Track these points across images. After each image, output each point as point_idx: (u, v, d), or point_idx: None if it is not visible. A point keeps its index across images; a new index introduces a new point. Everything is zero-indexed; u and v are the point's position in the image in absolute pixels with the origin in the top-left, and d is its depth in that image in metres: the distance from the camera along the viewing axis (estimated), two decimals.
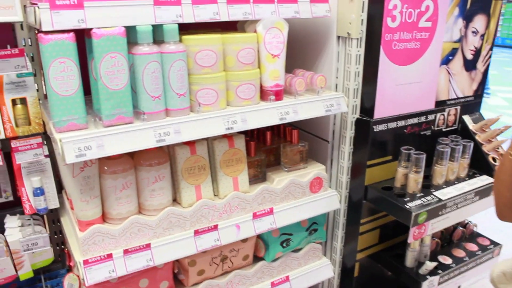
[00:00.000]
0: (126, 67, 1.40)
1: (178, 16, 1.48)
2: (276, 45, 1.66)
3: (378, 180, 1.99)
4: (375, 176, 1.97)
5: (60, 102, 1.37)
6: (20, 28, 1.69)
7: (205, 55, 1.52)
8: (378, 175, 1.98)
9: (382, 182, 1.99)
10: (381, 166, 1.98)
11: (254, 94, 1.65)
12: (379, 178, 1.99)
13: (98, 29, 1.35)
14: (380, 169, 1.98)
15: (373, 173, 1.95)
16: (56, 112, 1.37)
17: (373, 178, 1.96)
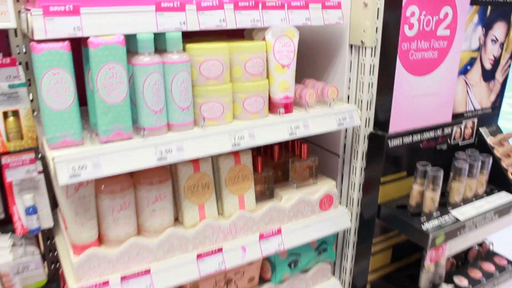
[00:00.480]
0: (125, 78, 1.29)
1: (182, 23, 1.37)
2: (286, 54, 1.55)
3: (391, 197, 1.88)
4: (388, 193, 1.86)
5: (54, 117, 1.26)
6: (14, 35, 1.58)
7: (211, 65, 1.41)
8: (391, 191, 1.87)
9: (396, 200, 1.87)
10: (395, 183, 1.86)
11: (262, 106, 1.54)
12: (393, 195, 1.88)
13: (95, 38, 1.24)
14: (394, 186, 1.86)
15: (387, 190, 1.84)
16: (49, 128, 1.26)
17: (386, 195, 1.85)
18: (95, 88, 1.27)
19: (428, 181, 1.75)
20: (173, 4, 1.34)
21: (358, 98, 1.80)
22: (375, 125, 1.81)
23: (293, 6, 1.56)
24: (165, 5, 1.33)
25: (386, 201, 1.85)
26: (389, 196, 1.87)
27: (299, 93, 1.67)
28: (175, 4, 1.35)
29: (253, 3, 1.48)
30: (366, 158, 1.84)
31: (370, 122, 1.81)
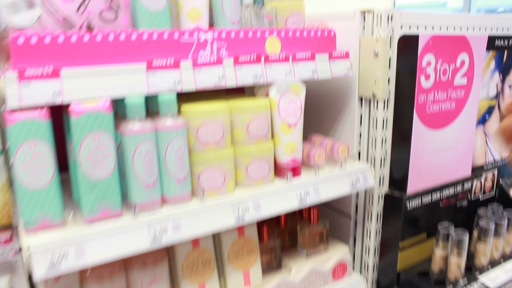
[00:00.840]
0: (112, 149, 1.12)
1: (177, 83, 1.21)
2: (292, 112, 1.39)
3: (411, 262, 1.69)
4: (407, 257, 1.67)
5: (30, 197, 1.08)
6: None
7: (210, 129, 1.24)
8: (410, 256, 1.69)
9: (416, 265, 1.69)
10: (415, 246, 1.68)
11: (268, 172, 1.37)
12: (412, 260, 1.70)
13: (77, 105, 1.08)
14: (413, 249, 1.68)
15: (405, 254, 1.66)
16: (25, 209, 1.08)
17: (405, 259, 1.67)
18: (78, 162, 1.10)
19: (452, 245, 1.57)
20: (166, 61, 1.19)
21: (370, 155, 1.63)
22: (390, 184, 1.64)
23: (299, 59, 1.41)
24: (157, 63, 1.18)
25: (405, 267, 1.66)
26: (409, 261, 1.68)
27: (307, 153, 1.50)
28: (168, 61, 1.19)
29: (255, 57, 1.32)
30: (381, 220, 1.66)
31: (385, 181, 1.64)
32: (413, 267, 1.68)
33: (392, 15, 1.48)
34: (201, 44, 1.27)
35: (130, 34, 1.17)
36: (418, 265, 1.69)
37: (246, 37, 1.34)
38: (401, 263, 1.65)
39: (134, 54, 1.17)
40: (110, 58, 1.15)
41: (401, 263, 1.65)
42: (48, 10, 1.12)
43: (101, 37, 1.13)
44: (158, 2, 1.24)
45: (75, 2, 1.15)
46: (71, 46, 1.10)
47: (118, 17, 1.20)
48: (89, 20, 1.17)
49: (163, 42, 1.21)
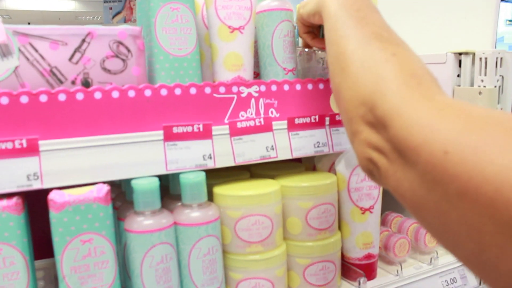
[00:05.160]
0: (110, 255, 0.77)
1: (207, 157, 0.85)
2: (367, 192, 1.01)
3: None
4: None
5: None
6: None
7: (253, 224, 0.87)
8: None
9: None
10: None
11: (333, 275, 0.98)
12: None
13: (59, 194, 0.74)
14: None
15: None
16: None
17: None
18: (60, 275, 0.75)
19: None
20: (192, 128, 0.84)
21: None
22: None
23: None
24: (179, 130, 0.83)
25: None
26: None
27: (383, 243, 1.11)
28: (195, 127, 0.84)
29: (317, 118, 0.96)
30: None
31: None
32: None
33: (501, 59, 1.09)
34: (243, 101, 0.92)
35: (142, 90, 0.83)
36: None
37: (305, 91, 0.98)
38: None
39: (148, 118, 0.84)
40: (113, 124, 0.81)
41: None
42: (29, 60, 0.80)
43: (101, 95, 0.80)
44: (184, 44, 0.90)
45: (68, 47, 0.83)
46: (59, 108, 0.78)
47: (127, 67, 0.86)
48: (86, 71, 0.84)
49: (189, 101, 0.87)
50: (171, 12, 0.90)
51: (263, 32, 1.00)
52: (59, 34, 0.83)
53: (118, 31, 0.87)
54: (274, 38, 0.99)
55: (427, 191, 0.43)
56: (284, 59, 1.00)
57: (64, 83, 0.83)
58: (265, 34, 0.99)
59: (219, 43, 0.95)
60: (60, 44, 0.83)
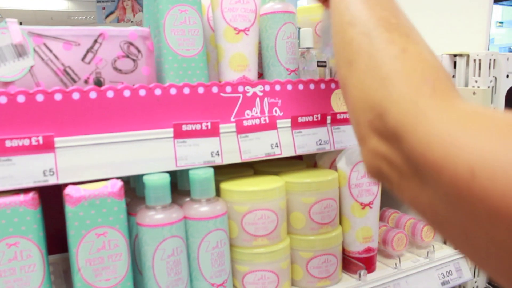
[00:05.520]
0: (124, 248, 0.80)
1: (215, 154, 0.89)
2: (367, 188, 1.04)
3: None
4: None
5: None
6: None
7: (259, 218, 0.91)
8: None
9: None
10: None
11: (335, 268, 1.02)
12: None
13: (75, 189, 0.77)
14: None
15: None
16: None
17: None
18: (76, 267, 0.78)
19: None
20: (200, 126, 0.87)
21: None
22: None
23: None
24: (188, 127, 0.86)
25: None
26: None
27: (382, 237, 1.15)
28: (203, 125, 0.87)
29: (319, 116, 0.99)
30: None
31: (481, 271, 1.26)
32: None
33: (494, 60, 1.14)
34: (248, 101, 0.95)
35: (153, 89, 0.86)
36: None
37: (307, 91, 1.01)
38: None
39: (157, 116, 0.87)
40: (125, 122, 0.84)
41: None
42: (43, 59, 0.83)
43: (114, 94, 0.83)
44: (192, 45, 0.93)
45: (80, 47, 0.86)
46: (73, 106, 0.81)
47: (137, 67, 0.90)
48: (98, 71, 0.87)
49: (197, 100, 0.90)
50: (180, 14, 0.93)
51: (266, 34, 1.03)
52: (72, 35, 0.86)
53: (128, 32, 0.90)
54: (277, 39, 1.03)
55: (451, 211, 0.39)
56: (287, 60, 1.04)
57: (77, 82, 0.86)
58: (269, 35, 1.03)
59: (225, 44, 0.99)
60: (73, 44, 0.86)
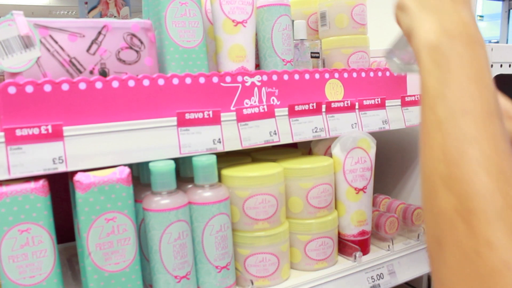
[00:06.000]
0: (132, 233, 0.83)
1: (217, 141, 0.92)
2: (361, 173, 1.09)
3: None
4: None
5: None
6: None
7: (260, 203, 0.94)
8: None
9: None
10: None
11: (331, 251, 1.06)
12: None
13: (85, 176, 0.79)
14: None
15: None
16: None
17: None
18: (86, 251, 0.81)
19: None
20: (202, 114, 0.90)
21: None
22: None
23: (366, 105, 1.11)
24: (191, 116, 0.89)
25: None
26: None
27: (375, 222, 1.19)
28: (205, 114, 0.91)
29: (315, 105, 1.03)
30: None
31: None
32: None
33: None
34: (247, 90, 0.99)
35: (156, 79, 0.89)
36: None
37: (302, 81, 1.05)
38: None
39: (161, 105, 0.90)
40: (130, 111, 0.87)
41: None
42: (49, 51, 0.86)
43: (119, 84, 0.86)
44: (192, 36, 0.96)
45: (85, 39, 0.88)
46: (79, 96, 0.83)
47: (140, 58, 0.92)
48: (102, 62, 0.89)
49: (198, 89, 0.93)
50: (180, 7, 0.96)
51: (263, 26, 1.07)
52: (77, 27, 0.89)
53: (131, 24, 0.93)
54: (273, 31, 1.06)
55: None
56: (283, 50, 1.08)
57: (83, 73, 0.89)
58: (265, 27, 1.06)
59: (224, 36, 1.02)
60: (78, 36, 0.89)
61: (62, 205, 1.00)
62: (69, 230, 0.97)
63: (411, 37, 0.57)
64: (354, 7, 1.19)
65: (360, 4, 1.19)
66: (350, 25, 1.19)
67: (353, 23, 1.19)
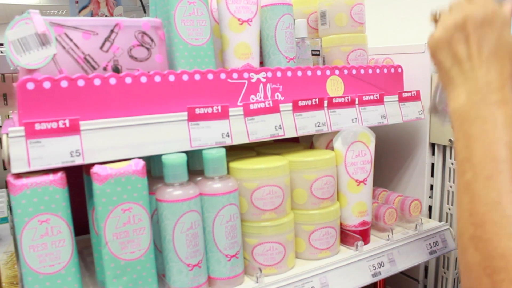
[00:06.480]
0: (147, 223, 0.87)
1: (225, 135, 0.96)
2: (361, 166, 1.13)
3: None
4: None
5: (41, 285, 0.83)
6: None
7: (267, 194, 0.98)
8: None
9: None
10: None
11: (334, 240, 1.10)
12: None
13: (102, 168, 0.83)
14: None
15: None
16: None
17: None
18: (103, 240, 0.84)
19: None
20: (212, 109, 0.94)
21: (445, 211, 1.37)
22: None
23: (366, 101, 1.16)
24: (201, 111, 0.93)
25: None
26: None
27: (374, 213, 1.24)
28: (214, 109, 0.94)
29: (317, 101, 1.07)
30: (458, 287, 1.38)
31: None
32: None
33: None
34: (253, 86, 1.03)
35: (167, 75, 0.93)
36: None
37: (305, 77, 1.09)
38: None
39: (172, 100, 0.94)
40: (142, 106, 0.91)
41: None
42: (65, 48, 0.89)
43: (132, 80, 0.90)
44: (200, 34, 1.00)
45: (98, 37, 0.92)
46: (94, 91, 0.87)
47: (151, 55, 0.96)
48: (115, 59, 0.93)
49: (207, 85, 0.97)
50: (188, 6, 1.00)
51: (267, 24, 1.11)
52: (90, 25, 0.92)
53: (142, 23, 0.96)
54: (277, 29, 1.10)
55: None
56: (286, 48, 1.12)
57: (97, 69, 0.92)
58: (269, 26, 1.10)
59: (230, 34, 1.06)
60: (92, 34, 0.92)
61: (71, 200, 1.04)
62: (79, 224, 1.00)
63: (448, 96, 0.60)
64: (353, 6, 1.23)
65: (358, 4, 1.24)
66: (349, 24, 1.24)
67: (352, 22, 1.24)
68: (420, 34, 1.37)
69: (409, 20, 1.57)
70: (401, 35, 1.58)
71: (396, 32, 1.62)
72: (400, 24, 1.61)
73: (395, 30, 1.62)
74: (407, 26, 1.57)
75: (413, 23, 1.54)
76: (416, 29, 1.47)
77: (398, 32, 1.62)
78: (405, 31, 1.57)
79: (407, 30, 1.55)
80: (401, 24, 1.61)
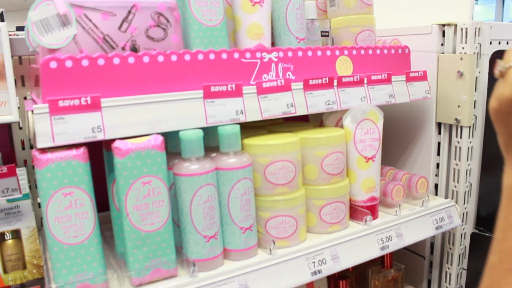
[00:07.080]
0: (166, 196, 0.91)
1: (239, 112, 1.00)
2: (370, 143, 1.17)
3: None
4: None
5: (65, 255, 0.87)
6: (18, 127, 1.23)
7: (280, 169, 1.02)
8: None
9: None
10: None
11: (344, 215, 1.14)
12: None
13: (123, 143, 0.87)
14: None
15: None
16: (59, 270, 0.87)
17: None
18: (124, 212, 0.88)
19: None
20: (226, 87, 0.98)
21: (451, 189, 1.40)
22: (477, 221, 1.40)
23: (374, 80, 1.19)
24: (216, 89, 0.97)
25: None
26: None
27: (382, 189, 1.27)
28: (229, 87, 0.98)
29: (327, 80, 1.11)
30: (463, 262, 1.42)
31: (469, 219, 1.41)
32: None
33: (479, 29, 1.26)
34: (265, 65, 1.06)
35: (183, 55, 0.96)
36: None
37: (315, 57, 1.12)
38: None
39: (188, 78, 0.97)
40: (160, 84, 0.94)
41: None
42: (85, 29, 0.93)
43: (149, 59, 0.93)
44: (214, 15, 1.03)
45: (116, 18, 0.95)
46: (114, 70, 0.90)
47: (167, 35, 0.99)
48: (133, 39, 0.96)
49: (221, 64, 1.00)
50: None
51: (277, 6, 1.14)
52: (108, 6, 0.95)
53: (157, 4, 0.99)
54: (287, 10, 1.13)
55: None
56: (296, 29, 1.15)
57: (116, 49, 0.96)
58: (280, 7, 1.14)
59: (242, 15, 1.09)
60: (110, 15, 0.95)
61: None
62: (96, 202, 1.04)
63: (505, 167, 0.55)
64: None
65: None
66: (357, 5, 1.26)
67: (360, 3, 1.26)
68: (427, 16, 1.40)
69: (416, 2, 1.60)
70: (408, 16, 1.61)
71: (404, 14, 1.65)
72: (408, 6, 1.64)
73: (402, 11, 1.64)
74: (415, 8, 1.59)
75: (420, 5, 1.56)
76: (423, 11, 1.50)
77: (406, 13, 1.64)
78: (412, 13, 1.59)
79: (414, 12, 1.58)
80: (408, 6, 1.64)
